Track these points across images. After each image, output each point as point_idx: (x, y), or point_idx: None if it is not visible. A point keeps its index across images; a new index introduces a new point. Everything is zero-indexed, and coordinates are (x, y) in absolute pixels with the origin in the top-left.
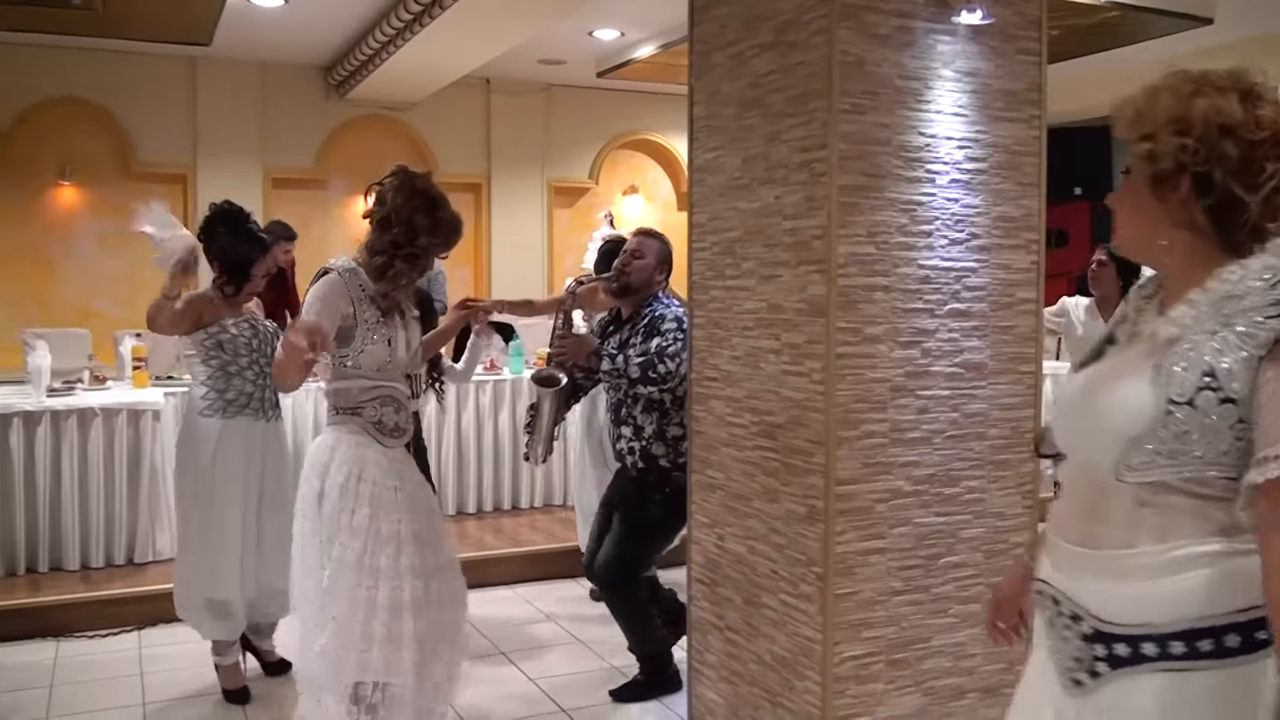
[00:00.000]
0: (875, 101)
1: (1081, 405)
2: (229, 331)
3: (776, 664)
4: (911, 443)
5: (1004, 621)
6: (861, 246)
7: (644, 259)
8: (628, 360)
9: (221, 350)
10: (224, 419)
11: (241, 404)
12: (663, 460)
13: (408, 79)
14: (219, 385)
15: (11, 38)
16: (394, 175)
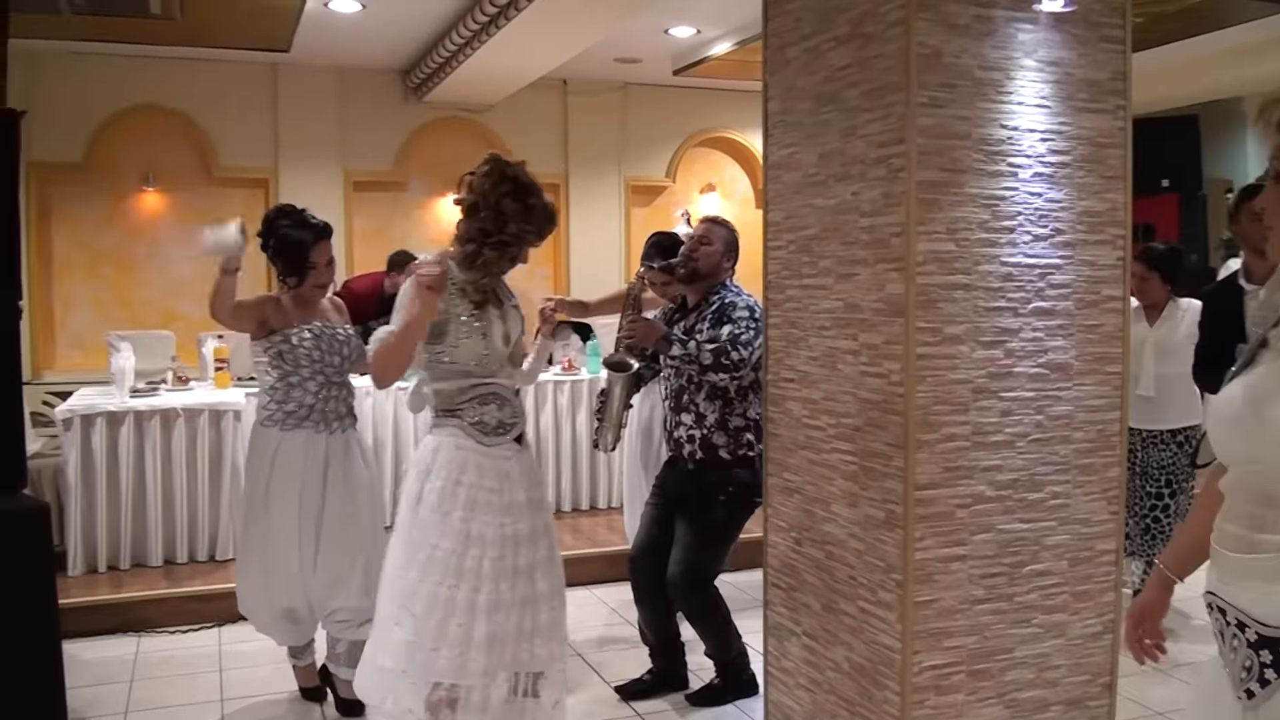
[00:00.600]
0: (954, 94)
1: (1249, 416)
2: (290, 341)
3: (855, 672)
4: (994, 446)
5: (1149, 636)
6: (941, 244)
7: (711, 245)
8: (699, 346)
9: (283, 360)
10: (282, 431)
11: (301, 416)
12: (722, 451)
13: (485, 81)
14: (279, 396)
15: (96, 48)
16: (485, 163)
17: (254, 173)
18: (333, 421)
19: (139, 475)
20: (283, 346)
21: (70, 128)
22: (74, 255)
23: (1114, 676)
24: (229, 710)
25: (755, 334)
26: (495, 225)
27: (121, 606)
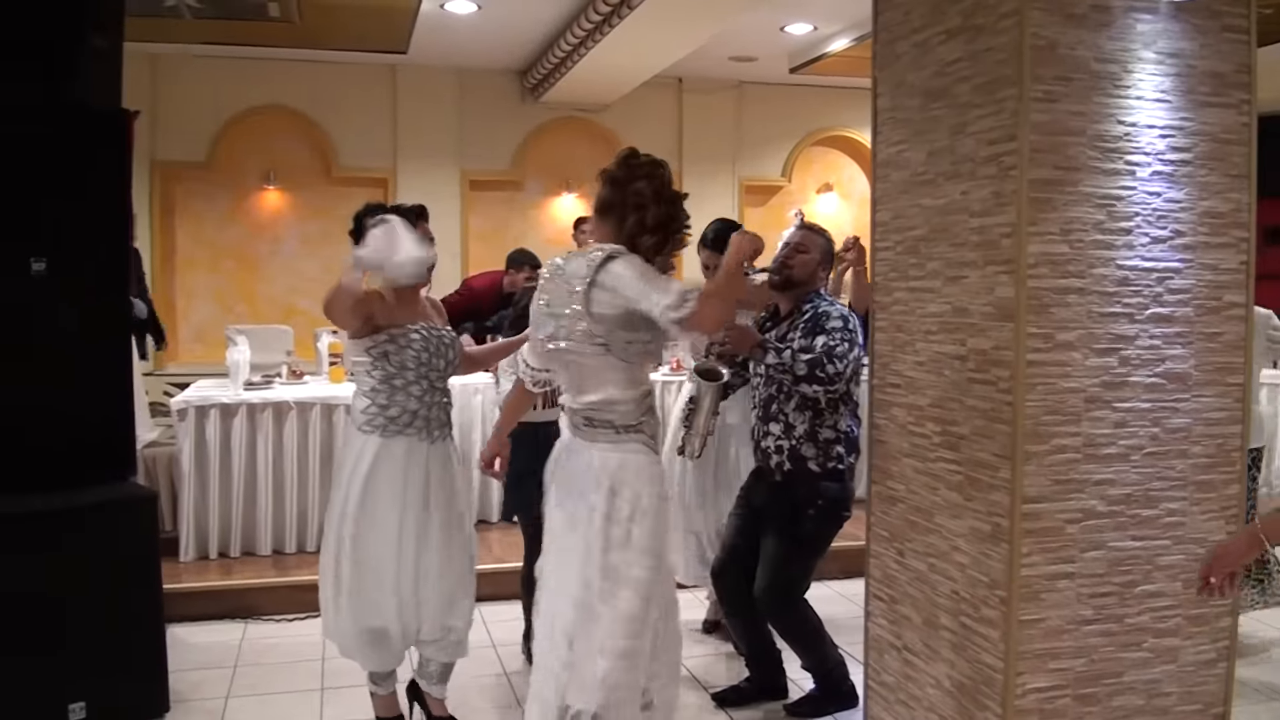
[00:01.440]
0: (1069, 88)
1: None
2: (396, 341)
3: (955, 690)
4: (1106, 459)
5: (1217, 576)
6: (1054, 245)
7: (808, 253)
8: (795, 355)
9: (387, 361)
10: (383, 437)
11: (404, 422)
12: (811, 464)
13: (600, 80)
14: (381, 399)
15: (218, 50)
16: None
17: (373, 172)
18: (434, 429)
19: (251, 466)
20: (388, 347)
21: (194, 128)
22: (196, 251)
23: (1228, 707)
24: (328, 699)
25: (850, 346)
26: (679, 216)
27: (230, 593)
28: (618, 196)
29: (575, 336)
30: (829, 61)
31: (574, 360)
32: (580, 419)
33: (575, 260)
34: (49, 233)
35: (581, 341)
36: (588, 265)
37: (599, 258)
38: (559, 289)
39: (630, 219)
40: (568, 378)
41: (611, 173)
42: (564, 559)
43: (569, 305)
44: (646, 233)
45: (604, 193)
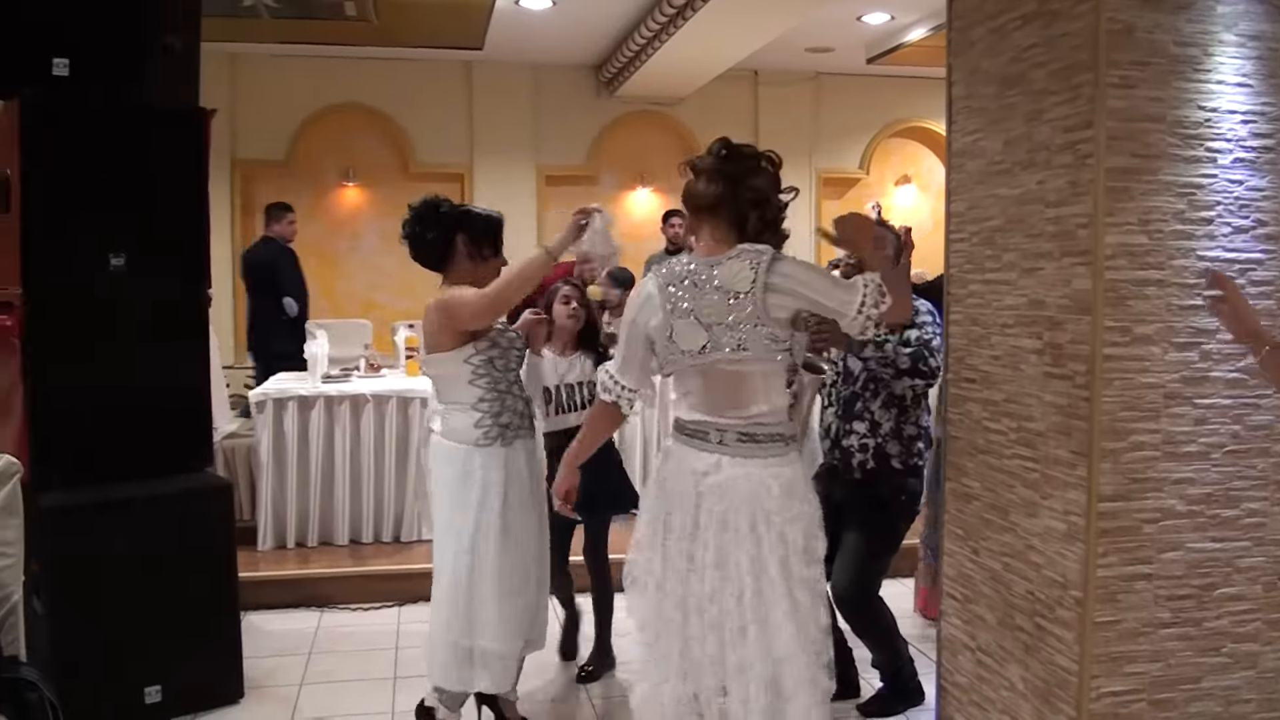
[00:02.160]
0: (1147, 73)
1: None
2: (499, 345)
3: (1029, 693)
4: (1186, 457)
5: None
6: (1132, 236)
7: (882, 248)
8: (896, 349)
9: (493, 368)
10: (504, 447)
11: (518, 426)
12: (895, 461)
13: (675, 73)
14: (493, 409)
15: (296, 50)
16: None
17: (450, 168)
18: (530, 424)
19: (328, 457)
20: (493, 353)
21: (273, 127)
22: None
23: None
24: (400, 689)
25: (939, 339)
26: (782, 211)
27: (306, 582)
28: (730, 192)
29: (751, 345)
30: (906, 51)
31: (737, 371)
32: (737, 435)
33: (728, 264)
34: (127, 229)
35: (760, 349)
36: (752, 267)
37: (765, 259)
38: (708, 297)
39: (751, 216)
40: (716, 393)
41: (721, 167)
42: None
43: (733, 312)
44: (768, 229)
45: (713, 189)
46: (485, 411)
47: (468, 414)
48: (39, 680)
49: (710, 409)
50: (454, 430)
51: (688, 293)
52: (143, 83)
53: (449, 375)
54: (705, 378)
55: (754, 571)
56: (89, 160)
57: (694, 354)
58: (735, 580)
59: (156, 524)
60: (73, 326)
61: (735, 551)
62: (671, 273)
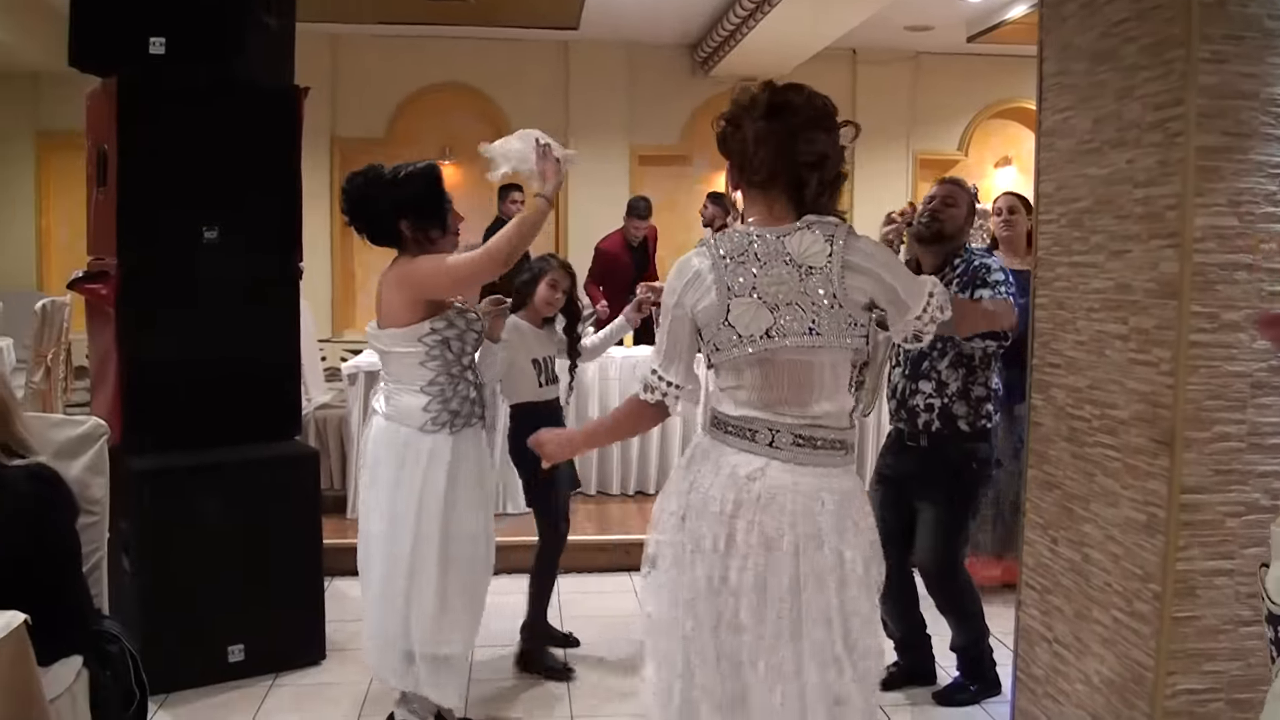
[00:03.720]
0: (1240, 48)
1: None
2: (455, 325)
3: (1104, 686)
4: (1273, 449)
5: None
6: (1222, 218)
7: (957, 207)
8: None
9: (448, 349)
10: (452, 434)
11: (467, 413)
12: (961, 423)
13: (771, 51)
14: (444, 393)
15: (397, 30)
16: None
17: None
18: (482, 414)
19: None
20: (449, 333)
21: (372, 105)
22: None
23: None
24: (477, 655)
25: (1012, 298)
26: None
27: None
28: (783, 157)
29: (826, 328)
30: (1008, 29)
31: (804, 361)
32: (792, 437)
33: (799, 235)
34: (221, 203)
35: (836, 334)
36: (826, 240)
37: (842, 233)
38: (775, 270)
39: (811, 181)
40: (775, 386)
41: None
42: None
43: (807, 290)
44: (827, 191)
45: (762, 154)
46: (434, 395)
47: (416, 396)
48: (120, 633)
49: (764, 405)
50: (400, 412)
51: (748, 267)
52: (237, 61)
53: (400, 353)
54: (765, 368)
55: (793, 600)
56: (184, 136)
57: (756, 339)
58: (774, 605)
59: (244, 489)
60: (166, 296)
61: (776, 576)
62: (728, 244)
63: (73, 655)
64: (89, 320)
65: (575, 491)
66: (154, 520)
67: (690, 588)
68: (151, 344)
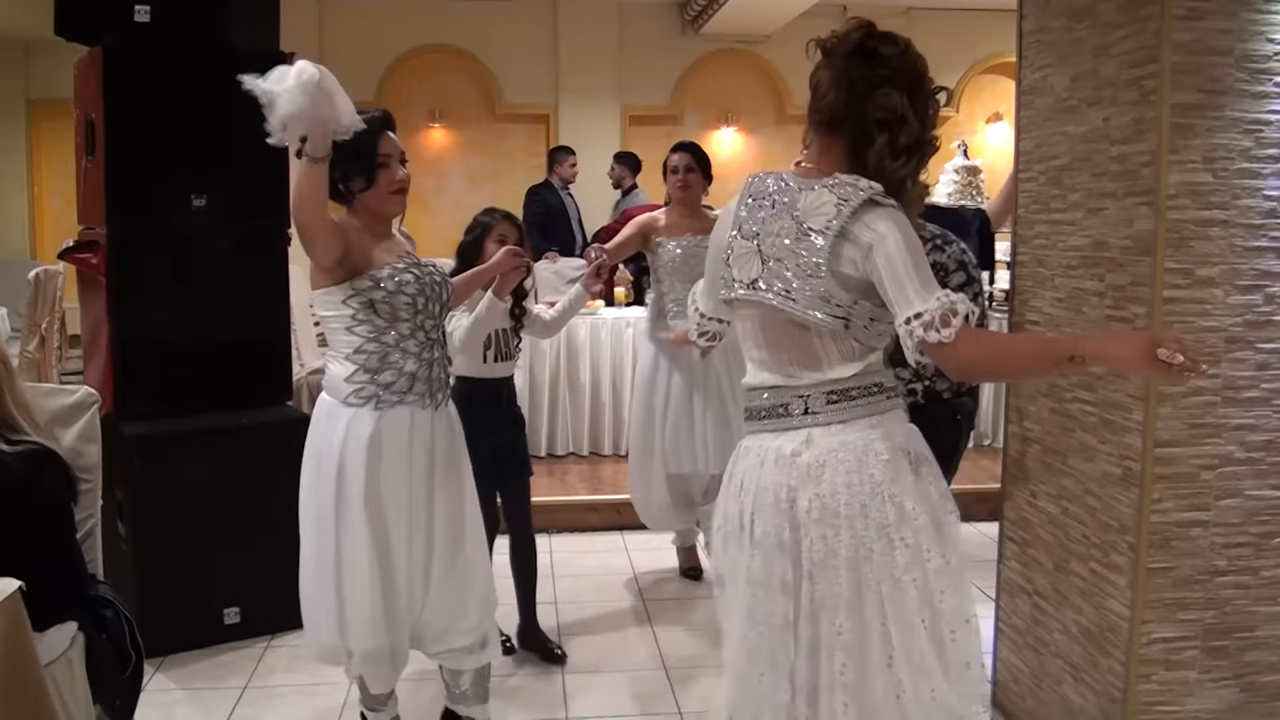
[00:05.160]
0: (1214, 4)
1: None
2: (383, 286)
3: (1082, 636)
4: (1247, 403)
5: None
6: (1196, 174)
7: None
8: None
9: (374, 312)
10: (377, 410)
11: (402, 389)
12: (946, 393)
13: (759, 9)
14: (371, 363)
15: None
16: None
17: (535, 109)
18: (437, 392)
19: None
20: (375, 293)
21: (361, 68)
22: None
23: None
24: None
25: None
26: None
27: None
28: (854, 105)
29: (799, 295)
30: None
31: (799, 324)
32: (824, 397)
33: (817, 191)
34: (208, 171)
35: (807, 305)
36: (838, 203)
37: (858, 197)
38: (779, 223)
39: (878, 140)
40: (781, 344)
41: (849, 69)
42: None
43: (796, 250)
44: (897, 157)
45: (832, 97)
46: (360, 365)
47: (342, 365)
48: (114, 598)
49: (780, 367)
50: (330, 382)
51: (759, 212)
52: (223, 27)
53: (329, 317)
54: (764, 322)
55: (854, 566)
56: (171, 104)
57: (739, 286)
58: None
59: (237, 454)
60: (155, 264)
61: (838, 543)
62: (758, 185)
63: (68, 620)
64: (80, 289)
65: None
66: (148, 486)
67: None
68: (142, 312)
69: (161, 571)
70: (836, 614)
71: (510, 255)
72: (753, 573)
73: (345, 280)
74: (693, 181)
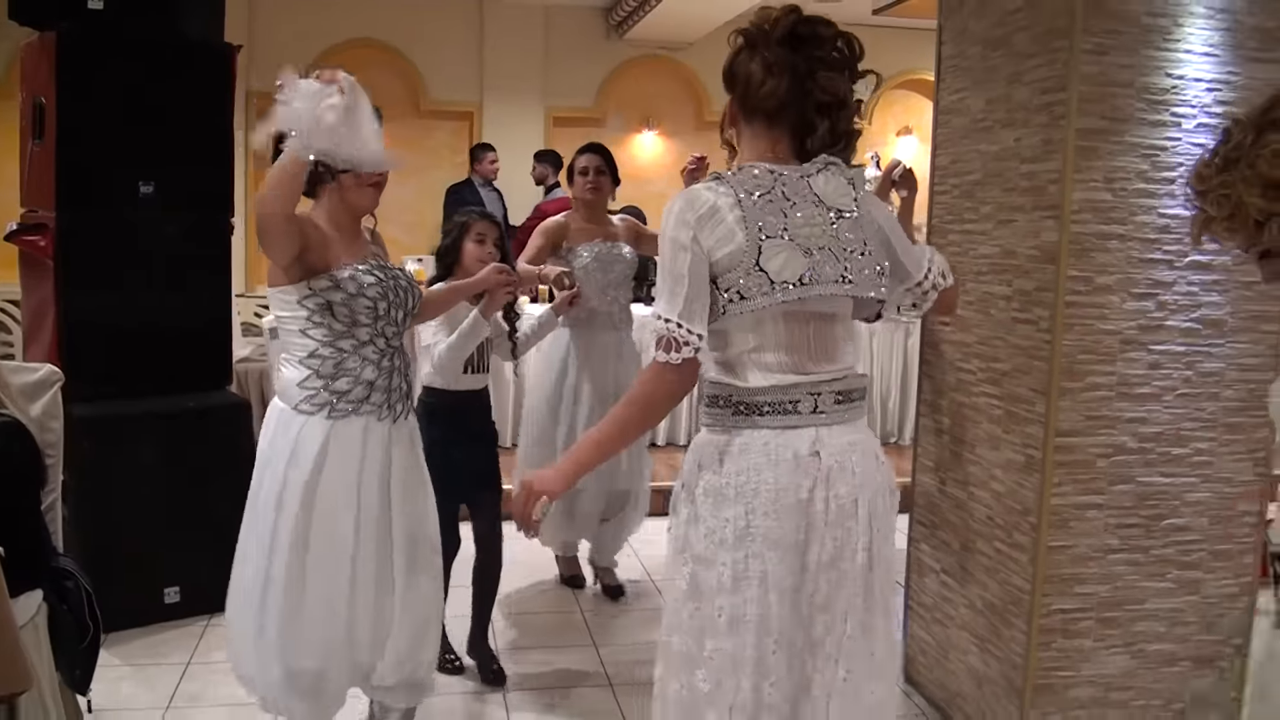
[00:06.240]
0: (1119, 40)
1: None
2: (343, 288)
3: (986, 610)
4: (1140, 398)
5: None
6: (1097, 193)
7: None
8: None
9: (332, 315)
10: (331, 419)
11: (358, 398)
12: None
13: (683, 18)
14: (326, 369)
15: None
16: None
17: (460, 106)
18: (396, 404)
19: None
20: (333, 295)
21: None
22: None
23: (1247, 639)
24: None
25: None
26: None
27: None
28: (797, 91)
29: (857, 276)
30: (912, 4)
31: (828, 312)
32: (834, 396)
33: (821, 175)
34: (157, 159)
35: (866, 284)
36: (849, 183)
37: (860, 178)
38: (804, 211)
39: (820, 127)
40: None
41: (786, 57)
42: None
43: (839, 234)
44: (836, 141)
45: (773, 85)
46: (315, 370)
47: (295, 369)
48: (75, 570)
49: (796, 366)
50: (282, 387)
51: (777, 206)
52: (173, 18)
53: (284, 318)
54: (789, 321)
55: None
56: (122, 92)
57: (790, 286)
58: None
59: (178, 436)
60: (103, 249)
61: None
62: (749, 182)
63: (34, 589)
64: (23, 272)
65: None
66: (92, 466)
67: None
68: (90, 295)
69: (103, 551)
70: (848, 619)
71: (497, 273)
72: (769, 578)
73: (302, 279)
74: (602, 184)
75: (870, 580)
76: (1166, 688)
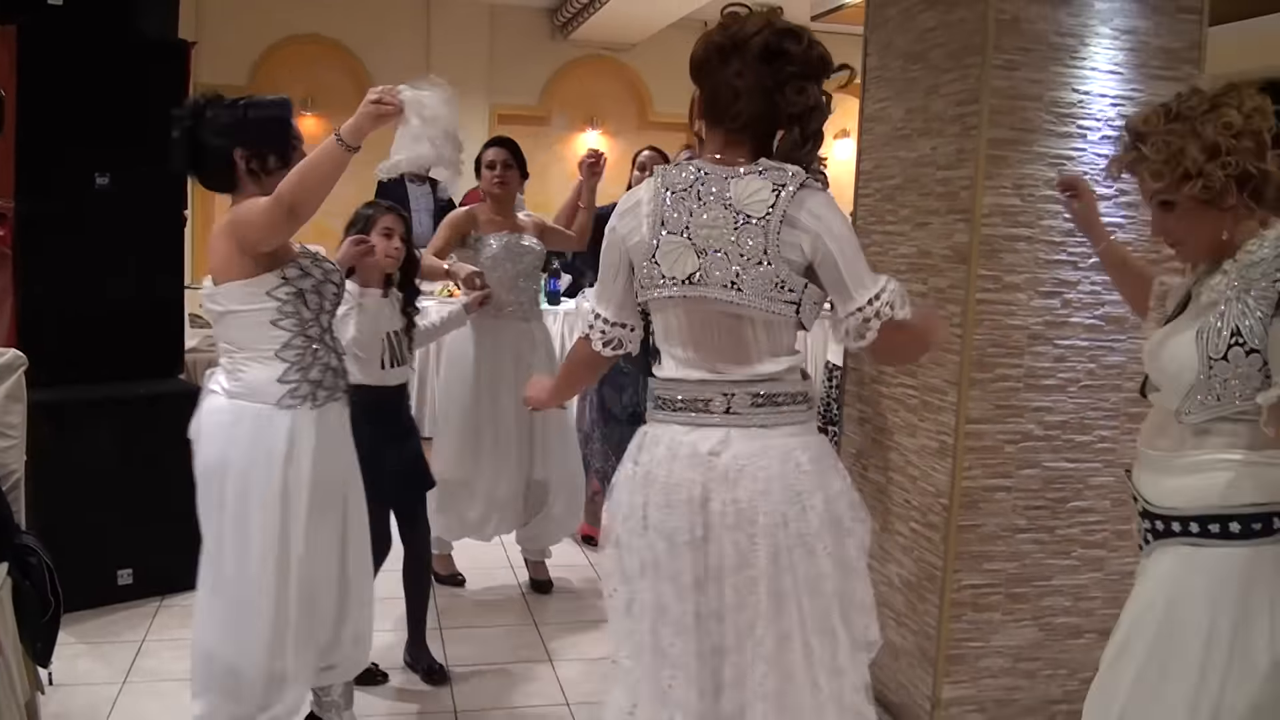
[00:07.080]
0: (1029, 58)
1: (1154, 355)
2: (312, 275)
3: (903, 586)
4: (1046, 389)
5: None
6: (1006, 198)
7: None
8: None
9: (303, 304)
10: (314, 409)
11: (330, 386)
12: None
13: (627, 20)
14: (302, 360)
15: None
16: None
17: None
18: (345, 388)
19: None
20: (304, 284)
21: (236, 53)
22: None
23: None
24: None
25: None
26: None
27: None
28: (768, 106)
29: (748, 285)
30: (849, 11)
31: (732, 314)
32: (750, 398)
33: (746, 179)
34: (113, 151)
35: (758, 294)
36: (774, 189)
37: (793, 182)
38: (709, 212)
39: (793, 131)
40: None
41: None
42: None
43: (737, 240)
44: (805, 143)
45: (746, 105)
46: (292, 362)
47: (269, 365)
48: (38, 547)
49: (706, 362)
50: (249, 387)
51: (687, 204)
52: (130, 15)
53: (244, 313)
54: (692, 317)
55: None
56: (79, 85)
57: (678, 284)
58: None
59: (132, 422)
60: (61, 238)
61: (755, 552)
62: (673, 177)
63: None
64: None
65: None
66: (46, 451)
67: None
68: (45, 283)
69: (58, 532)
70: (755, 626)
71: (351, 244)
72: (661, 568)
73: (271, 269)
74: (509, 178)
75: (781, 588)
76: (1072, 658)
